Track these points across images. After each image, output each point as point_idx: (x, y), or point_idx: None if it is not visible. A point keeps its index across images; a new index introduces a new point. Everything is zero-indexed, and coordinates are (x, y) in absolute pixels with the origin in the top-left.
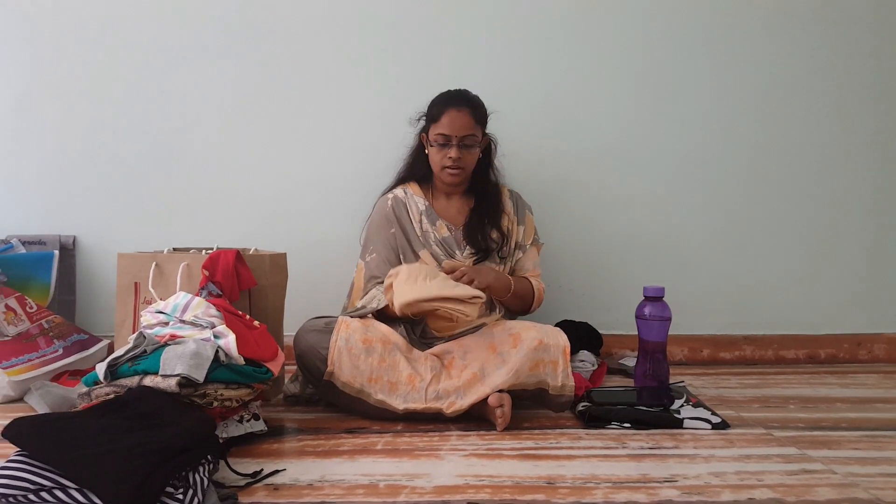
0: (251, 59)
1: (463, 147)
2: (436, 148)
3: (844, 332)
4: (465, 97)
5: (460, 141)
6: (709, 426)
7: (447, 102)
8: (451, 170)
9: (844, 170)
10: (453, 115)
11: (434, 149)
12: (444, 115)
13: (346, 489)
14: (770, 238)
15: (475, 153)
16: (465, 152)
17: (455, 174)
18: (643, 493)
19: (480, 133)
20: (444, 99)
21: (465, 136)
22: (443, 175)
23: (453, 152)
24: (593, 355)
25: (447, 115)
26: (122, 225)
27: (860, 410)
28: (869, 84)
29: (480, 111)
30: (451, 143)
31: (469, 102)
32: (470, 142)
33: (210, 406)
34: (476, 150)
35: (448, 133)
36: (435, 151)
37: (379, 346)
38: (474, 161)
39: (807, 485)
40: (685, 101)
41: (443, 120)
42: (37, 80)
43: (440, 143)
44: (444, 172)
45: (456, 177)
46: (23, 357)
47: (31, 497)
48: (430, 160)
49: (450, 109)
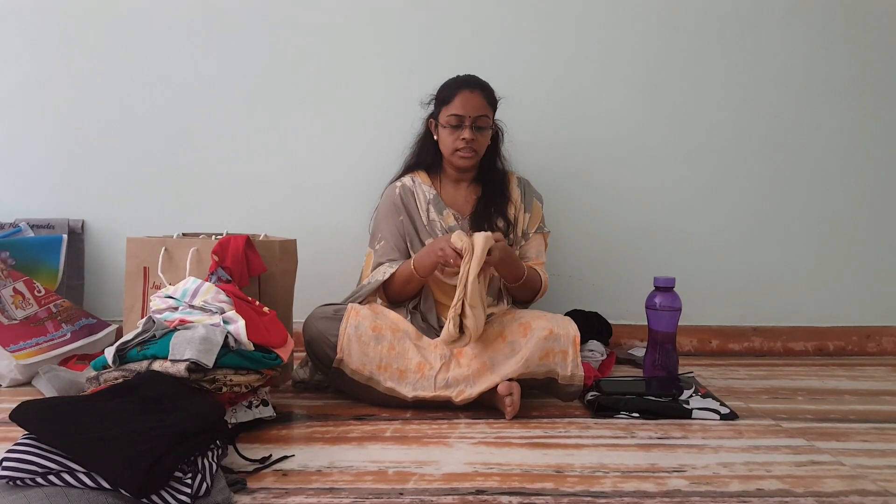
0: (260, 45)
1: (476, 129)
2: (448, 130)
3: (853, 325)
4: (476, 80)
5: (473, 122)
6: (717, 417)
7: (459, 85)
8: (463, 152)
9: (855, 163)
10: (466, 96)
11: (446, 131)
12: (457, 96)
13: (355, 475)
14: (780, 231)
15: (487, 136)
16: (478, 134)
17: (467, 157)
18: (652, 483)
19: (492, 116)
20: (456, 82)
21: (478, 117)
22: (454, 158)
23: (467, 133)
24: (602, 345)
25: (460, 95)
26: (131, 209)
27: (868, 403)
28: (884, 77)
29: (492, 94)
30: (465, 123)
31: (481, 85)
32: (483, 123)
33: (219, 391)
34: (488, 133)
35: (461, 113)
36: (447, 133)
37: (388, 334)
38: (486, 145)
39: (815, 476)
40: (698, 93)
41: (455, 101)
42: (45, 64)
43: (453, 125)
44: (455, 155)
45: (468, 160)
46: (31, 341)
47: (39, 480)
48: (441, 144)
49: (462, 91)
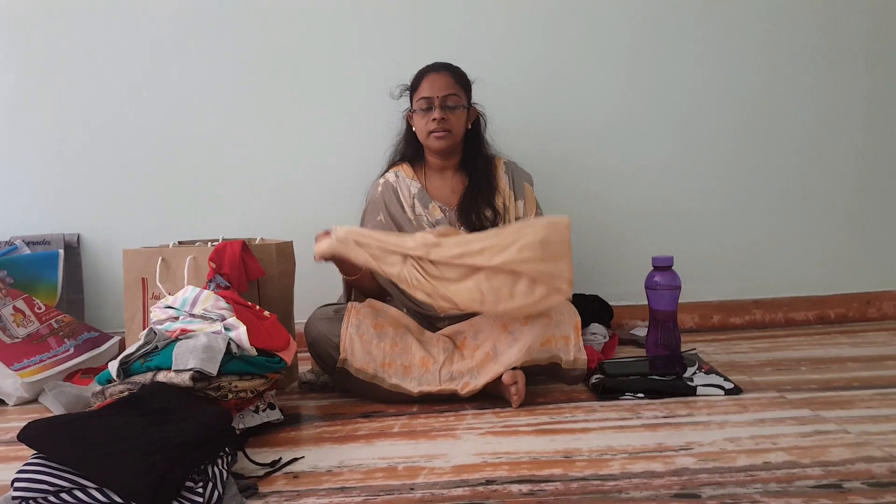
0: (247, 50)
1: (446, 108)
2: (419, 115)
3: (853, 292)
4: (442, 63)
5: (442, 101)
6: (722, 392)
7: (426, 69)
8: (436, 133)
9: (847, 129)
10: (433, 78)
11: (418, 116)
12: (424, 79)
13: (365, 473)
14: (774, 201)
15: (460, 115)
16: (450, 114)
17: (441, 136)
18: (659, 462)
19: (464, 96)
20: (423, 68)
21: (446, 96)
22: (429, 141)
23: (437, 113)
24: (604, 327)
25: (426, 79)
26: (126, 220)
27: (871, 369)
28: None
29: (460, 74)
30: (434, 104)
31: (446, 66)
32: (452, 102)
33: (225, 398)
34: (461, 111)
35: (429, 95)
36: (419, 118)
37: (391, 331)
38: (461, 125)
39: (821, 446)
40: (683, 71)
41: (423, 85)
42: (31, 78)
43: (423, 109)
44: (430, 138)
45: (442, 139)
46: (34, 358)
47: (52, 499)
48: (417, 130)
49: (429, 74)
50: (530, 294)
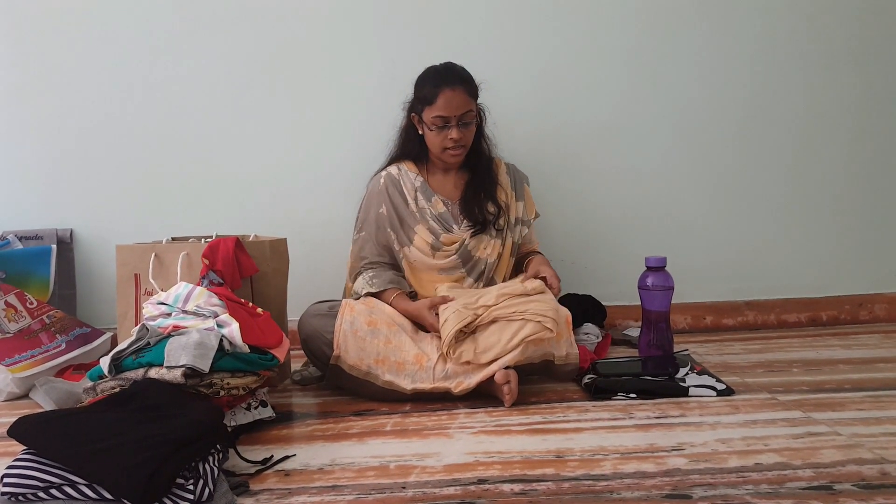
0: (241, 45)
1: (462, 126)
2: (434, 131)
3: (845, 294)
4: (456, 74)
5: (459, 120)
6: (714, 393)
7: (439, 82)
8: (452, 150)
9: (840, 131)
10: (449, 96)
11: (432, 133)
12: (440, 96)
13: (357, 472)
14: (767, 202)
15: (473, 128)
16: (465, 130)
17: (457, 154)
18: (651, 463)
19: (475, 106)
20: (435, 78)
21: (463, 115)
22: (444, 156)
23: (454, 133)
24: (597, 328)
25: (442, 96)
26: (119, 216)
27: (863, 371)
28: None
29: (472, 86)
30: (451, 123)
31: (461, 79)
32: (468, 119)
33: (217, 395)
34: (473, 125)
35: (447, 115)
36: (434, 135)
37: (384, 328)
38: (472, 135)
39: (812, 447)
40: (678, 73)
41: (438, 102)
42: (24, 74)
43: (439, 126)
44: (445, 154)
45: (459, 156)
46: (26, 353)
47: (41, 494)
48: (429, 142)
49: (444, 90)
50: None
